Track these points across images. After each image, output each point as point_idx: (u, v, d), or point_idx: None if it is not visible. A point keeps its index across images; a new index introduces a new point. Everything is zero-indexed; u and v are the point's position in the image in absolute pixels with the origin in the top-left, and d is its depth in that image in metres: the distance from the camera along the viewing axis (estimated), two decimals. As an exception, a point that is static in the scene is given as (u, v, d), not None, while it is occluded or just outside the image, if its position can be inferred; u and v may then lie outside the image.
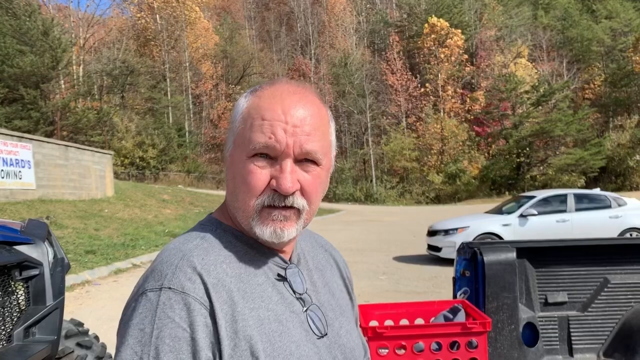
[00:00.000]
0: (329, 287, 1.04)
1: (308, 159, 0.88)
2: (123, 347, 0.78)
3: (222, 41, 58.80)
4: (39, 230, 2.32)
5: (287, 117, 0.86)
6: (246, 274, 0.88)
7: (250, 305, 0.84)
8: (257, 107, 0.88)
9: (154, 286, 0.81)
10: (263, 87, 0.92)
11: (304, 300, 0.94)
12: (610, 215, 10.77)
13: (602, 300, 2.88)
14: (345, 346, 0.97)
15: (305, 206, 0.89)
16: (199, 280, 0.81)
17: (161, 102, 47.87)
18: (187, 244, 0.88)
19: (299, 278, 0.95)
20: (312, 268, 1.03)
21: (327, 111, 0.95)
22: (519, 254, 2.80)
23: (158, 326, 0.77)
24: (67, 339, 2.49)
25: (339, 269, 1.13)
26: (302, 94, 0.90)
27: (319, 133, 0.89)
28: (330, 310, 0.99)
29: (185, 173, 44.43)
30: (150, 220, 17.45)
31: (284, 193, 0.85)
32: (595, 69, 56.49)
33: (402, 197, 48.11)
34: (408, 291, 7.93)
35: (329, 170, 0.94)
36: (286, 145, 0.85)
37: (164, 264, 0.84)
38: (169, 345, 0.76)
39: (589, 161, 44.31)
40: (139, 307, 0.81)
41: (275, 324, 0.85)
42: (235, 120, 0.91)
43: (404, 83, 54.62)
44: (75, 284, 8.31)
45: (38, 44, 29.97)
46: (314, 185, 0.89)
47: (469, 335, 2.24)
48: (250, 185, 0.86)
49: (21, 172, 14.25)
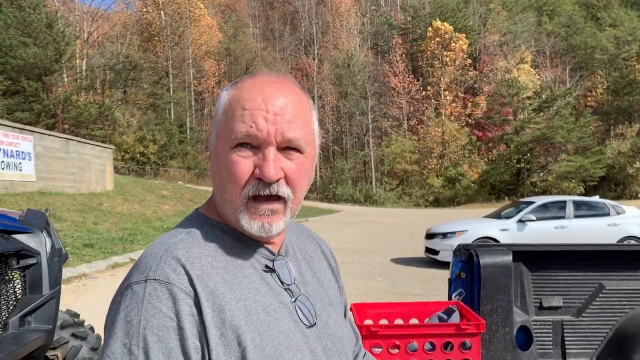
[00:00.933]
0: (317, 278, 1.04)
1: (291, 147, 0.88)
2: (112, 340, 0.79)
3: (226, 39, 58.79)
4: (38, 220, 2.33)
5: (268, 106, 0.86)
6: (233, 266, 0.88)
7: (236, 296, 0.85)
8: (238, 98, 0.89)
9: (139, 279, 0.82)
10: (244, 79, 0.93)
11: (292, 291, 0.94)
12: (608, 223, 10.78)
13: (597, 306, 2.89)
14: (334, 335, 0.98)
15: (291, 195, 0.89)
16: (183, 272, 0.82)
17: (163, 98, 47.87)
18: (172, 238, 0.89)
19: (286, 269, 0.95)
20: (300, 259, 1.03)
21: (309, 100, 0.96)
22: (515, 257, 2.81)
23: (145, 317, 0.78)
24: (62, 330, 2.49)
25: (326, 259, 1.14)
26: (281, 83, 0.91)
27: (300, 121, 0.89)
28: (319, 300, 1.00)
29: (186, 169, 44.43)
30: (149, 215, 17.46)
31: (267, 180, 0.86)
32: (598, 76, 56.48)
33: (401, 199, 48.12)
34: (404, 293, 7.93)
35: (313, 159, 0.95)
36: (267, 134, 0.86)
37: (148, 257, 0.85)
38: (157, 335, 0.77)
39: (589, 169, 44.32)
40: (125, 300, 0.81)
41: (263, 315, 0.86)
42: (218, 113, 0.92)
43: (406, 86, 54.64)
44: (73, 277, 8.32)
45: (42, 37, 29.98)
46: (299, 173, 0.90)
47: (463, 336, 2.25)
48: (235, 175, 0.87)
49: (21, 164, 14.26)
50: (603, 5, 61.64)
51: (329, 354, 0.94)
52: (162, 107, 48.04)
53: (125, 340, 0.77)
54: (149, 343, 0.76)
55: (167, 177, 40.48)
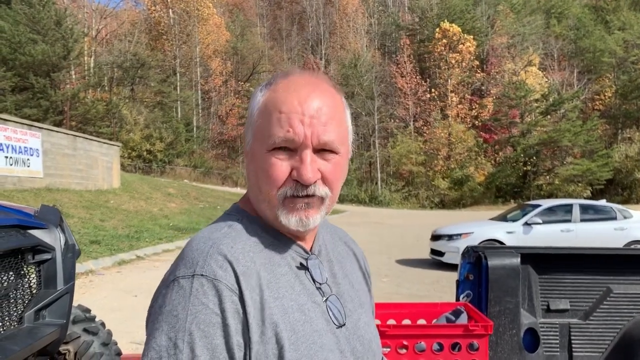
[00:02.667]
0: (348, 279, 1.05)
1: (326, 149, 0.90)
2: (157, 332, 0.80)
3: (233, 38, 58.91)
4: (52, 216, 2.36)
5: (304, 109, 0.87)
6: (270, 263, 0.90)
7: (274, 294, 0.86)
8: (274, 100, 0.90)
9: (186, 273, 0.83)
10: (277, 79, 0.94)
11: (324, 291, 0.95)
12: (615, 227, 10.74)
13: (604, 310, 2.90)
14: (363, 337, 0.99)
15: (328, 193, 0.91)
16: (230, 268, 0.83)
17: (170, 96, 48.02)
18: (215, 232, 0.90)
19: (318, 269, 0.97)
20: (333, 259, 1.04)
21: (342, 98, 0.97)
22: (523, 259, 2.82)
23: (192, 312, 0.79)
24: (74, 325, 2.53)
25: (358, 262, 1.14)
26: (315, 84, 0.92)
27: (335, 122, 0.91)
28: (350, 301, 1.00)
29: (192, 168, 44.55)
30: (155, 213, 17.54)
31: (305, 183, 0.87)
32: (606, 80, 56.18)
33: (406, 200, 48.08)
34: (409, 294, 7.94)
35: (347, 157, 0.96)
36: (304, 137, 0.87)
37: (195, 251, 0.86)
38: (203, 331, 0.78)
39: (596, 172, 44.12)
40: (171, 293, 0.82)
41: (298, 314, 0.87)
42: (253, 114, 0.93)
43: (413, 87, 54.57)
44: (79, 273, 8.37)
45: (50, 34, 30.15)
46: (335, 173, 0.91)
47: (471, 337, 2.27)
48: (272, 177, 0.88)
49: (29, 160, 14.35)
50: (612, 8, 61.31)
51: (357, 355, 0.95)
52: (169, 105, 48.19)
53: (171, 334, 0.79)
54: (195, 338, 0.78)
55: (173, 175, 40.61)
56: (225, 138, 53.39)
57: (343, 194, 46.06)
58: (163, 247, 11.68)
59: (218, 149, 53.89)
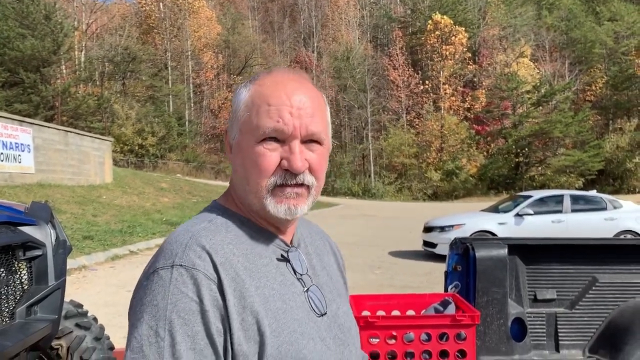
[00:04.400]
0: (326, 271, 1.10)
1: (312, 140, 0.94)
2: (138, 323, 0.82)
3: (225, 31, 58.60)
4: (43, 212, 2.37)
5: (292, 101, 0.91)
6: (252, 254, 0.93)
7: (256, 283, 0.89)
8: (261, 94, 0.93)
9: (165, 264, 0.85)
10: (262, 76, 0.97)
11: (304, 281, 0.99)
12: (605, 217, 10.84)
13: (590, 299, 2.94)
14: (343, 325, 1.03)
15: (314, 182, 0.95)
16: (208, 258, 0.86)
17: (162, 90, 47.77)
18: (195, 226, 0.93)
19: (299, 260, 1.00)
20: (311, 252, 1.08)
21: (323, 96, 1.01)
22: (510, 250, 2.86)
23: (172, 301, 0.82)
24: (66, 320, 2.54)
25: (334, 254, 1.19)
26: (300, 81, 0.96)
27: (320, 114, 0.95)
28: (329, 292, 1.05)
29: (184, 162, 44.41)
30: (148, 208, 17.50)
31: (295, 172, 0.91)
32: (597, 71, 56.41)
33: (399, 193, 48.20)
34: (402, 286, 7.99)
35: (329, 149, 1.01)
36: (294, 128, 0.90)
37: (174, 244, 0.89)
38: (183, 318, 0.81)
39: (588, 163, 44.43)
40: (151, 284, 0.85)
41: (279, 302, 0.90)
42: (239, 109, 0.96)
43: (406, 79, 54.57)
44: (72, 269, 8.35)
45: (40, 28, 29.91)
46: (320, 163, 0.95)
47: (458, 327, 2.30)
48: (262, 167, 0.91)
49: (20, 156, 14.28)
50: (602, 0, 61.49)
51: (338, 342, 0.99)
52: (160, 99, 47.97)
53: (151, 323, 0.81)
54: (175, 326, 0.80)
55: (165, 169, 40.47)
56: (217, 132, 53.19)
57: (336, 187, 46.14)
58: (156, 242, 11.67)
59: (211, 143, 53.72)
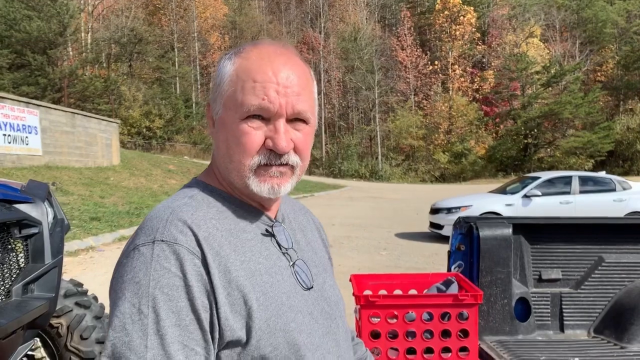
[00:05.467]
0: (311, 246, 1.08)
1: (298, 118, 0.91)
2: (120, 301, 0.79)
3: (231, 12, 58.18)
4: (39, 190, 2.35)
5: (278, 79, 0.88)
6: (235, 229, 0.90)
7: (241, 258, 0.87)
8: (247, 68, 0.90)
9: (146, 240, 0.83)
10: (247, 48, 0.94)
11: (290, 256, 0.97)
12: (614, 198, 10.75)
13: (596, 279, 2.90)
14: (330, 299, 1.02)
15: (299, 162, 0.93)
16: (190, 233, 0.83)
17: (169, 72, 47.68)
18: (175, 202, 0.91)
19: (284, 235, 0.98)
20: (296, 228, 1.07)
21: (310, 71, 0.98)
22: (515, 230, 2.81)
23: (154, 277, 0.79)
24: (66, 298, 2.54)
25: (317, 230, 1.18)
26: (287, 55, 0.93)
27: (306, 92, 0.92)
28: (314, 266, 1.03)
29: (192, 144, 44.46)
30: (156, 189, 17.56)
31: (280, 152, 0.89)
32: (608, 51, 55.58)
33: (407, 174, 48.07)
34: (408, 267, 7.99)
35: (315, 128, 0.98)
36: (279, 106, 0.88)
37: (154, 220, 0.86)
38: (166, 294, 0.78)
39: (597, 144, 43.96)
40: (132, 262, 0.82)
41: (266, 276, 0.88)
42: (223, 82, 0.92)
43: (414, 60, 54.05)
44: (80, 250, 8.42)
45: (45, 9, 29.82)
46: (306, 142, 0.93)
47: (460, 307, 2.27)
48: (246, 146, 0.88)
49: (28, 138, 14.32)
50: (615, -23, 60.34)
51: (325, 315, 0.98)
52: (167, 81, 47.89)
53: (134, 300, 0.78)
54: (159, 302, 0.77)
55: (173, 151, 40.56)
56: (224, 114, 52.99)
57: (343, 169, 46.10)
58: (163, 223, 11.71)
59: (218, 125, 53.60)
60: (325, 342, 0.95)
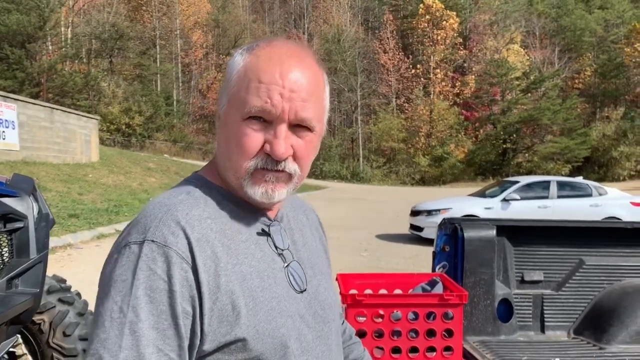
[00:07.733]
0: (308, 246, 1.06)
1: (302, 125, 0.88)
2: (105, 297, 0.79)
3: (215, 10, 57.86)
4: (25, 184, 2.31)
5: (285, 82, 0.85)
6: (230, 230, 0.89)
7: (233, 260, 0.85)
8: (255, 67, 0.87)
9: (137, 239, 0.81)
10: (260, 45, 0.91)
11: (285, 257, 0.95)
12: (590, 203, 10.94)
13: (576, 281, 2.96)
14: (324, 302, 1.00)
15: (297, 171, 0.90)
16: (182, 235, 0.81)
17: (150, 69, 47.21)
18: (172, 198, 0.88)
19: (280, 235, 0.96)
20: (294, 227, 1.05)
21: (324, 75, 0.95)
22: (498, 231, 2.85)
23: (139, 277, 0.77)
24: (49, 295, 2.50)
25: (317, 230, 1.16)
26: (300, 57, 0.89)
27: (314, 99, 0.89)
28: (310, 268, 1.01)
29: (172, 142, 44.07)
30: (135, 187, 17.38)
31: (277, 159, 0.86)
32: (586, 59, 56.57)
33: (387, 177, 48.30)
34: (389, 268, 8.03)
35: (321, 135, 0.95)
36: (282, 111, 0.85)
37: (148, 217, 0.84)
38: (149, 296, 0.77)
39: (574, 150, 44.75)
40: (121, 258, 0.81)
41: (257, 280, 0.87)
42: (231, 78, 0.90)
43: (396, 63, 54.33)
44: (57, 247, 8.30)
45: (25, 2, 29.31)
46: (307, 150, 0.90)
47: (446, 306, 2.30)
48: (244, 147, 0.86)
49: (5, 133, 14.05)
50: (593, -13, 61.46)
51: (318, 319, 0.96)
52: (148, 78, 47.43)
53: (116, 298, 0.77)
54: (140, 303, 0.76)
55: (153, 149, 40.15)
56: (206, 112, 52.73)
57: (325, 170, 46.14)
58: (142, 221, 11.60)
59: (199, 124, 53.32)
60: (315, 347, 0.94)
